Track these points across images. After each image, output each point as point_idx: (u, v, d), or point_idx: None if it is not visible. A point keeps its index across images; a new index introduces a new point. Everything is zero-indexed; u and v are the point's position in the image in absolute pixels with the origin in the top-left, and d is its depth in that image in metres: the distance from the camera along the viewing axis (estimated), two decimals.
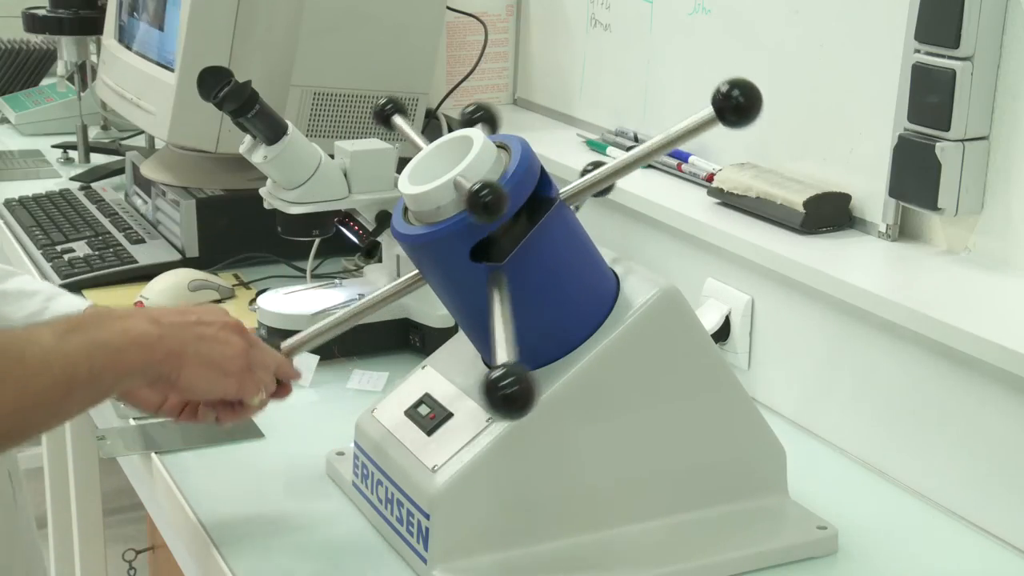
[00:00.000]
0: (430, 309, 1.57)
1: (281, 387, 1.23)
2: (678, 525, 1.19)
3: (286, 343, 1.24)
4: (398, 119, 1.29)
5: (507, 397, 0.98)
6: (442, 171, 1.07)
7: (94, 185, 2.26)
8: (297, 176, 1.58)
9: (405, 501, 1.16)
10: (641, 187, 1.67)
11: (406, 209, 1.13)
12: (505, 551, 1.14)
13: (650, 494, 1.18)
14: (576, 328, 1.13)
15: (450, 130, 1.20)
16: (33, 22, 2.48)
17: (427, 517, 1.12)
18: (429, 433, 1.18)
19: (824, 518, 1.22)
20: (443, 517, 1.12)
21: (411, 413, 1.21)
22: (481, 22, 2.16)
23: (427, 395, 1.21)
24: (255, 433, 1.40)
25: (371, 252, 1.59)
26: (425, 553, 1.13)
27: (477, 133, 1.09)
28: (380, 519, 1.21)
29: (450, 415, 1.18)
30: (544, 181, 1.11)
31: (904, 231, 1.47)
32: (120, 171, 2.29)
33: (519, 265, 1.09)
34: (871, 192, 1.48)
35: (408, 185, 1.09)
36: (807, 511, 1.24)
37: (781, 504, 1.24)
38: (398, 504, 1.17)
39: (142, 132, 2.42)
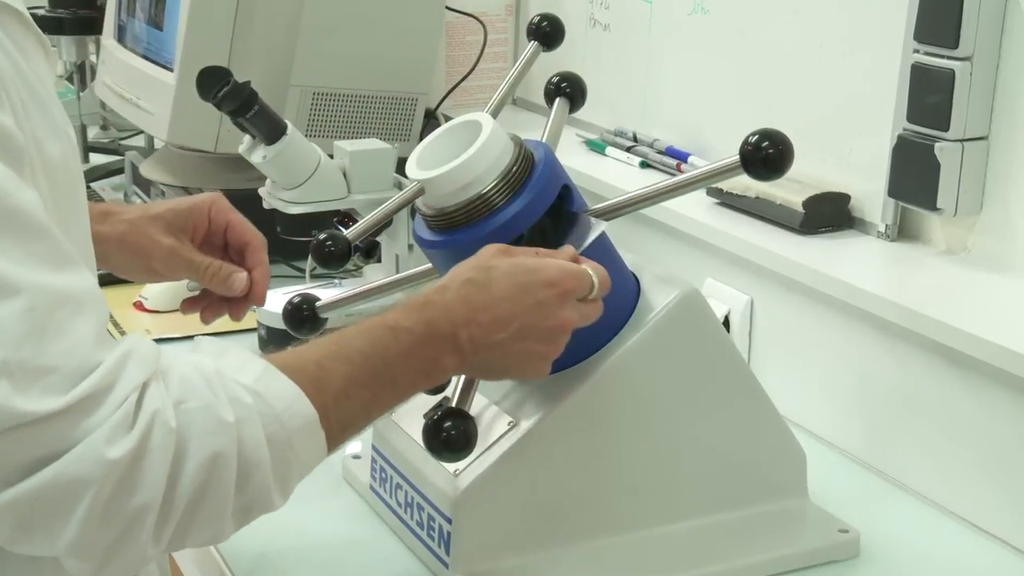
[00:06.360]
0: None
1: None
2: (699, 529, 1.18)
3: (320, 303, 1.21)
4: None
5: (447, 440, 1.03)
6: (451, 156, 1.05)
7: (93, 185, 2.25)
8: (296, 176, 1.58)
9: (426, 505, 1.15)
10: (640, 187, 1.66)
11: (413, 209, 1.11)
12: (527, 555, 1.13)
13: (671, 498, 1.18)
14: (599, 332, 1.12)
15: None
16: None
17: (449, 521, 1.11)
18: None
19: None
20: (465, 521, 1.11)
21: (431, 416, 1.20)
22: (481, 22, 2.16)
23: (446, 398, 1.20)
24: None
25: (370, 252, 1.59)
26: (447, 558, 1.12)
27: (486, 118, 1.07)
28: (399, 523, 1.21)
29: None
30: (567, 192, 1.10)
31: (903, 231, 1.47)
32: (120, 171, 2.29)
33: None
34: (870, 192, 1.48)
35: (417, 171, 1.06)
36: (828, 514, 1.23)
37: (802, 507, 1.23)
38: (418, 508, 1.16)
39: (141, 132, 2.42)
